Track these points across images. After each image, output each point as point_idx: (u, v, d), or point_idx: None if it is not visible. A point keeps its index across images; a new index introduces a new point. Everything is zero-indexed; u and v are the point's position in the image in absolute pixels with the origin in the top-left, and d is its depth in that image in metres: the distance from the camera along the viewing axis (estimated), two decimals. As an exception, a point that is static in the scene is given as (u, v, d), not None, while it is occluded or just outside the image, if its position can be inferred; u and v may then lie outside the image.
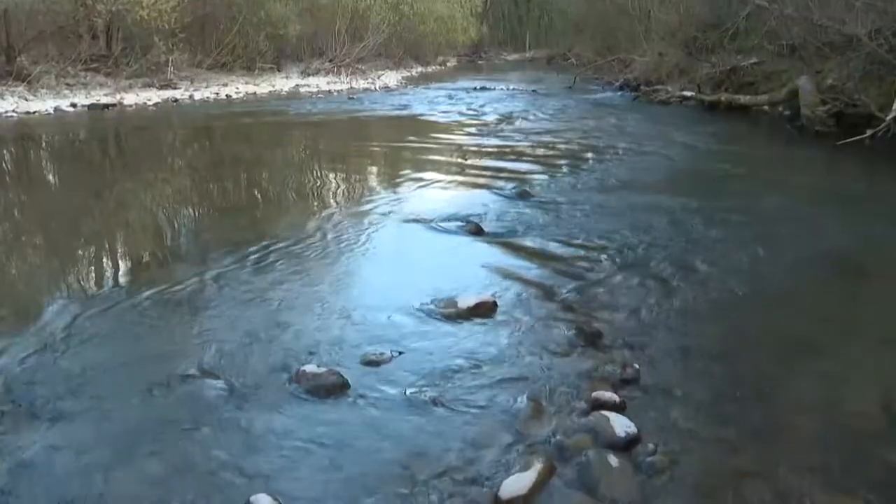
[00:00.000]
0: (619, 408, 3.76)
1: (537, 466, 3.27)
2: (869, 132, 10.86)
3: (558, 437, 3.56)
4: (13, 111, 17.45)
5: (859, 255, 6.14)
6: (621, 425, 3.53)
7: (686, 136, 13.34)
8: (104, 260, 6.65)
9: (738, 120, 15.52)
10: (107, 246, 7.05)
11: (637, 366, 4.21)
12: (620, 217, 7.44)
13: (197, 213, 8.65)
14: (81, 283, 5.90)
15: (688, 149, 12.01)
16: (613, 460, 3.34)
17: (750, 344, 4.58)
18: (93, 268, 6.43)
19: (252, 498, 3.10)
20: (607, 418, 3.59)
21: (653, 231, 6.84)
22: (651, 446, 3.47)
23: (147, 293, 5.45)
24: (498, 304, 5.10)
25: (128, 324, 4.95)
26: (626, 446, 3.44)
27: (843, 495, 3.10)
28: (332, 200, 9.08)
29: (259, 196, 9.66)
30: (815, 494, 3.10)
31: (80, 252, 6.85)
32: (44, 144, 14.04)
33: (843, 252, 6.14)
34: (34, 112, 17.66)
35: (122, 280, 5.89)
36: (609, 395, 3.84)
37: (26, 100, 18.78)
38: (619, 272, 5.78)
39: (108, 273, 6.20)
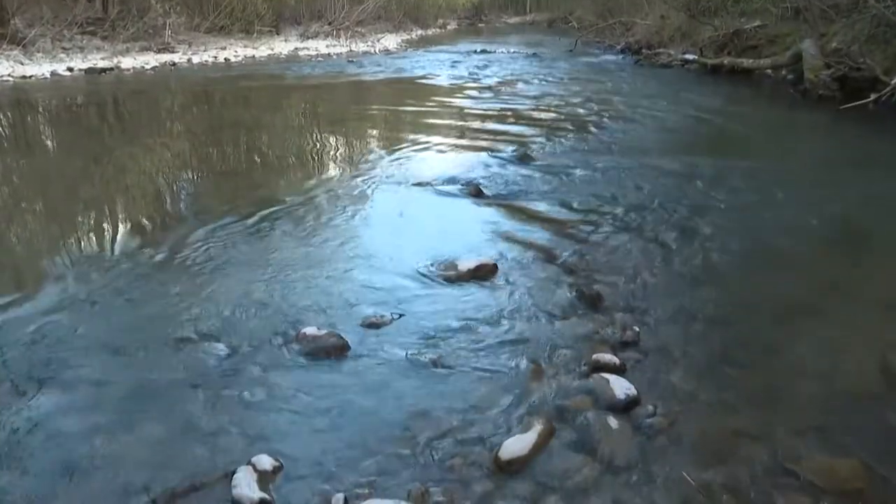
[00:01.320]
0: (618, 370, 3.77)
1: (537, 428, 3.29)
2: (873, 96, 10.79)
3: (558, 398, 3.57)
4: (8, 75, 17.30)
5: (861, 220, 6.12)
6: (621, 387, 3.54)
7: (688, 99, 13.26)
8: (104, 224, 6.63)
9: (741, 84, 15.41)
10: (106, 210, 7.02)
11: (637, 328, 4.21)
12: (621, 180, 7.41)
13: (196, 177, 8.62)
14: (81, 247, 5.88)
15: (689, 112, 11.93)
16: (613, 422, 3.36)
17: (750, 307, 4.58)
18: (92, 232, 6.41)
19: (253, 459, 3.12)
20: (607, 380, 3.60)
21: (654, 194, 6.82)
22: (650, 408, 3.48)
23: (147, 257, 5.45)
24: (498, 266, 5.10)
25: (128, 287, 4.95)
26: (625, 408, 3.46)
27: (841, 457, 3.12)
28: (331, 164, 9.03)
29: (258, 160, 9.61)
30: (812, 456, 3.11)
31: (79, 217, 6.83)
32: (41, 109, 13.94)
33: (846, 216, 6.13)
34: (30, 76, 17.51)
35: (121, 244, 5.87)
36: (609, 358, 3.85)
37: (22, 64, 18.61)
38: (620, 235, 5.77)
39: (108, 237, 6.18)
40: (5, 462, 3.19)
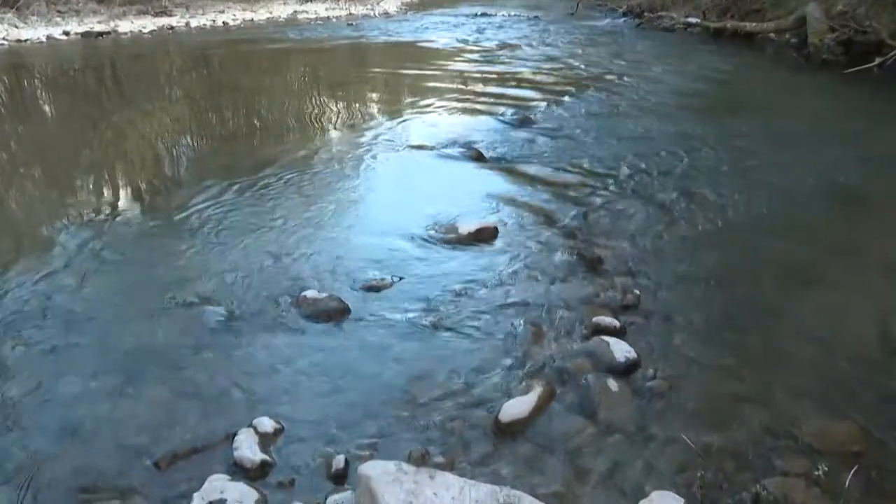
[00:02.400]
0: (619, 333, 3.78)
1: (537, 390, 3.30)
2: (878, 60, 10.68)
3: (558, 361, 3.58)
4: (3, 39, 17.16)
5: (864, 184, 6.09)
6: (621, 350, 3.55)
7: (690, 63, 13.15)
8: (103, 188, 6.61)
9: (744, 47, 15.26)
10: (105, 174, 7.00)
11: (637, 292, 4.21)
12: (623, 143, 7.37)
13: (195, 142, 8.57)
14: (80, 211, 5.86)
15: (691, 76, 11.84)
16: (613, 384, 3.36)
17: (751, 271, 4.57)
18: (92, 196, 6.39)
19: (254, 421, 3.13)
20: (607, 343, 3.60)
21: (655, 158, 6.79)
22: (650, 371, 3.49)
23: (147, 221, 5.44)
24: (499, 229, 5.09)
25: (128, 251, 4.95)
26: (625, 371, 3.46)
27: (839, 421, 3.12)
28: (331, 128, 8.98)
29: (258, 124, 9.56)
30: (811, 420, 3.12)
31: (78, 181, 6.80)
32: (37, 74, 13.85)
33: (848, 181, 6.09)
34: (25, 40, 17.37)
35: (121, 209, 5.86)
36: (609, 321, 3.85)
37: (16, 27, 18.45)
38: (621, 199, 5.75)
39: (108, 201, 6.16)
40: (8, 424, 3.20)
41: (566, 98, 9.93)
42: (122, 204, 6.01)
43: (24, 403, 3.34)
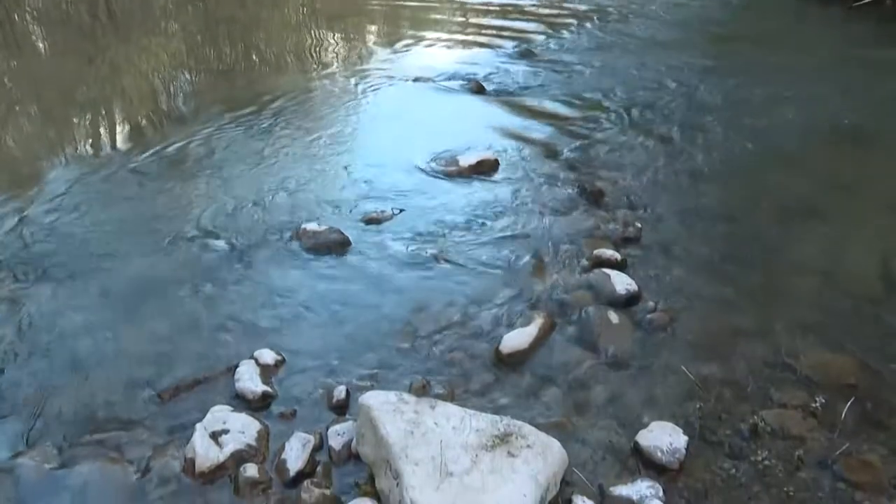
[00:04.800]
0: (620, 265, 3.77)
1: (538, 322, 3.30)
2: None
3: (559, 293, 3.58)
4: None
5: (869, 121, 5.99)
6: (622, 282, 3.55)
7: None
8: (100, 125, 6.54)
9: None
10: (102, 111, 6.91)
11: (639, 224, 4.19)
12: (626, 77, 7.26)
13: (193, 76, 8.44)
14: (78, 148, 5.81)
15: (694, 9, 11.61)
16: (613, 316, 3.37)
17: (753, 206, 4.54)
18: (89, 133, 6.33)
19: (256, 353, 3.15)
20: (608, 275, 3.60)
21: (659, 91, 6.69)
22: (651, 303, 3.49)
23: (146, 156, 5.39)
24: (499, 161, 5.05)
25: (128, 186, 4.91)
26: (626, 303, 3.47)
27: (837, 354, 3.14)
28: (330, 61, 8.84)
29: (256, 58, 9.41)
30: (809, 353, 3.14)
31: (75, 118, 6.72)
32: (28, 8, 13.57)
33: (853, 116, 6.00)
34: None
35: (120, 144, 5.81)
36: (610, 253, 3.84)
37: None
38: (624, 132, 5.69)
39: (107, 137, 6.11)
40: (13, 358, 3.22)
41: (568, 31, 9.75)
42: (120, 139, 5.95)
43: (27, 338, 3.35)
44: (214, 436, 2.65)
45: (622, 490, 2.41)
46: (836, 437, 2.66)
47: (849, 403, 2.79)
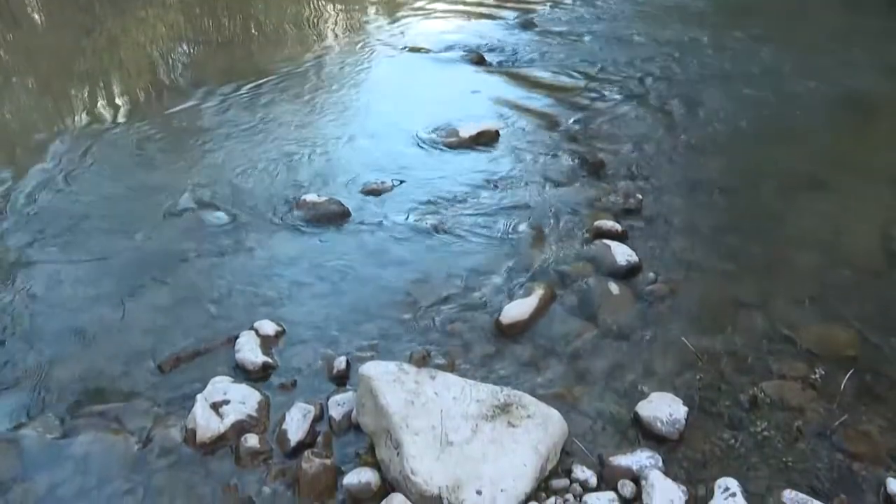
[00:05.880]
0: (620, 237, 3.76)
1: (538, 293, 3.30)
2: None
3: (560, 264, 3.58)
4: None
5: (874, 94, 5.93)
6: (622, 254, 3.54)
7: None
8: (99, 97, 6.49)
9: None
10: (101, 83, 6.86)
11: (640, 196, 4.18)
12: (627, 48, 7.19)
13: (191, 48, 8.37)
14: (77, 120, 5.78)
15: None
16: (614, 288, 3.37)
17: (755, 178, 4.51)
18: (88, 105, 6.28)
19: (256, 324, 3.15)
20: (609, 247, 3.60)
21: (661, 63, 6.63)
22: (651, 275, 3.49)
23: (144, 128, 5.37)
24: (500, 133, 5.02)
25: (127, 158, 4.90)
26: (626, 274, 3.46)
27: (836, 326, 3.14)
28: (330, 31, 8.76)
29: (255, 30, 9.32)
30: (809, 325, 3.14)
31: (74, 90, 6.67)
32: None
33: (858, 89, 5.94)
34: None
35: (119, 116, 5.77)
36: (611, 225, 3.83)
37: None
38: (625, 104, 5.65)
39: (106, 109, 6.07)
40: (15, 329, 3.23)
41: (569, 1, 9.66)
42: (119, 111, 5.92)
43: (28, 310, 3.36)
44: (215, 406, 2.66)
45: (622, 460, 2.42)
46: (834, 408, 2.66)
47: (848, 375, 2.80)
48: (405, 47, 7.38)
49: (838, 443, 2.52)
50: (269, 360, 2.95)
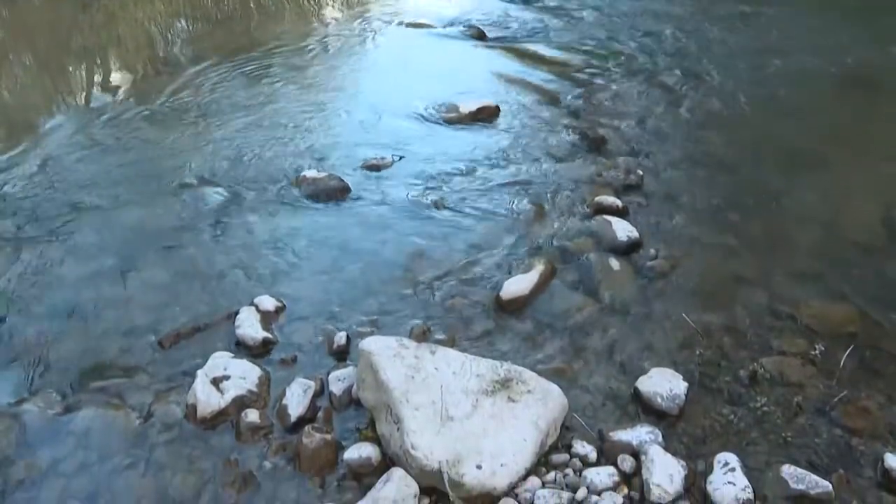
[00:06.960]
0: (621, 212, 3.76)
1: (538, 268, 3.30)
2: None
3: (560, 240, 3.57)
4: None
5: (874, 70, 5.89)
6: (623, 229, 3.53)
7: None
8: (97, 74, 6.47)
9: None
10: (99, 59, 6.83)
11: (640, 172, 4.16)
12: (628, 24, 7.14)
13: (190, 25, 8.31)
14: (75, 97, 5.76)
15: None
16: (614, 263, 3.37)
17: (755, 154, 4.50)
18: (86, 82, 6.26)
19: (256, 299, 3.15)
20: (609, 222, 3.59)
21: (662, 39, 6.59)
22: (652, 251, 3.48)
23: (143, 104, 5.35)
24: (500, 108, 5.00)
25: (125, 135, 4.88)
26: (627, 250, 3.46)
27: (836, 302, 3.14)
28: (329, 6, 8.71)
29: (253, 4, 9.26)
30: (808, 301, 3.13)
31: (71, 67, 6.64)
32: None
33: (858, 66, 5.90)
34: None
35: (117, 93, 5.75)
36: (612, 200, 3.82)
37: None
38: (626, 79, 5.62)
39: (103, 86, 6.05)
40: (15, 305, 3.23)
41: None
42: (117, 88, 5.89)
43: (28, 286, 3.36)
44: (215, 382, 2.67)
45: (622, 435, 2.42)
46: (834, 384, 2.67)
47: (848, 351, 2.80)
48: (405, 22, 7.33)
49: (837, 418, 2.52)
50: (270, 336, 2.95)
